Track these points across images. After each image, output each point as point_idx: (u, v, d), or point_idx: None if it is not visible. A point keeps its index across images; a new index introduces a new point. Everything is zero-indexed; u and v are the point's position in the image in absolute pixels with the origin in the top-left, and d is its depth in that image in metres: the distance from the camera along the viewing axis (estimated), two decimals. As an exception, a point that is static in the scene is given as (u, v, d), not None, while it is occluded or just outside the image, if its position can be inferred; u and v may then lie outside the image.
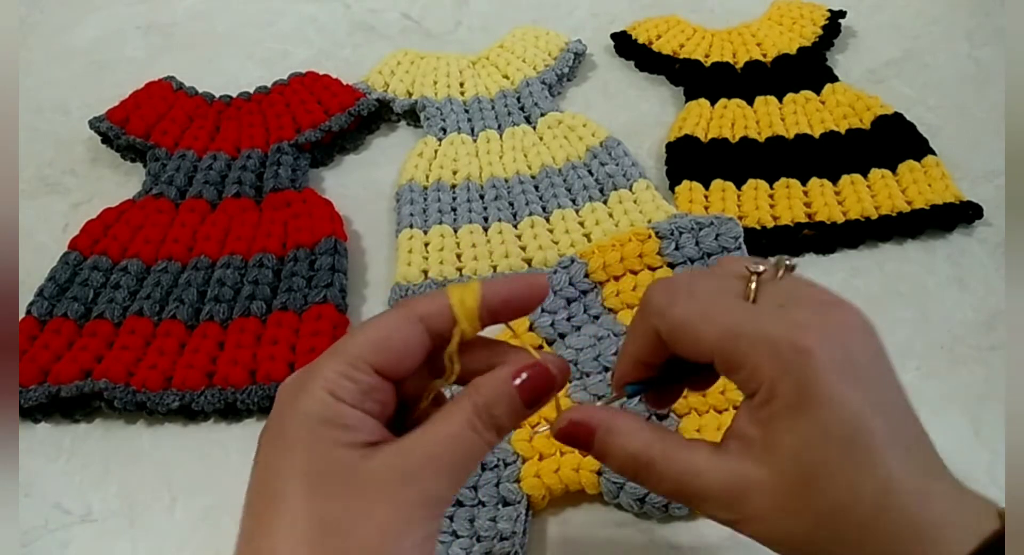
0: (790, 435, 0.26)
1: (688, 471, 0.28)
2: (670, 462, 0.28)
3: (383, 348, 0.27)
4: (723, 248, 0.51)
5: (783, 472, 0.26)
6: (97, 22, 0.81)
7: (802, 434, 0.26)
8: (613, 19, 0.77)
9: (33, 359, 0.50)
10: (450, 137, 0.65)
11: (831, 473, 0.26)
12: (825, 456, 0.26)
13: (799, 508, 0.26)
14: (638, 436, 0.29)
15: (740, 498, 0.27)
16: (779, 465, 0.26)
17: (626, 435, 0.29)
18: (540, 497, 0.43)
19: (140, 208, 0.60)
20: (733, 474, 0.27)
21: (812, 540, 0.26)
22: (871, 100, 0.64)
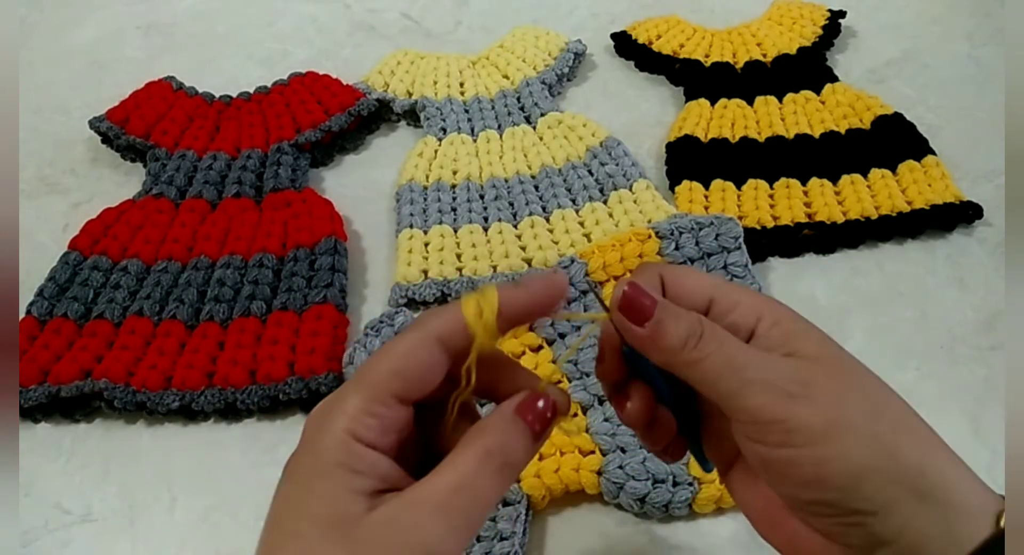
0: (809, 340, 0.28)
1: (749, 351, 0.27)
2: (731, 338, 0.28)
3: (404, 376, 0.27)
4: (723, 248, 0.51)
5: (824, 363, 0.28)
6: (97, 22, 0.81)
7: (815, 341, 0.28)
8: (613, 19, 0.77)
9: (33, 359, 0.50)
10: (450, 137, 0.65)
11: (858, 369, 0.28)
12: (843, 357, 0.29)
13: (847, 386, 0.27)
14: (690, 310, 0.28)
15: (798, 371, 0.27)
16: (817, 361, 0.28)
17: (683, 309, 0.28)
18: (540, 497, 0.43)
19: (140, 208, 0.60)
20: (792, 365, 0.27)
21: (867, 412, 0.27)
22: (871, 100, 0.64)
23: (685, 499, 0.42)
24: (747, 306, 0.29)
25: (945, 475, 0.26)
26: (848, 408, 0.26)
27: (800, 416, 0.26)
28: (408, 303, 0.54)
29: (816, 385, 0.27)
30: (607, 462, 0.43)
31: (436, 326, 0.28)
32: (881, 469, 0.26)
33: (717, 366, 0.27)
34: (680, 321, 0.28)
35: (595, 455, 0.44)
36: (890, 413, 0.27)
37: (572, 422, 0.30)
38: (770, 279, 0.55)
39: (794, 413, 0.26)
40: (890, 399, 0.28)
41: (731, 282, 0.31)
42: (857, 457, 0.26)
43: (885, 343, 0.51)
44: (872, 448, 0.26)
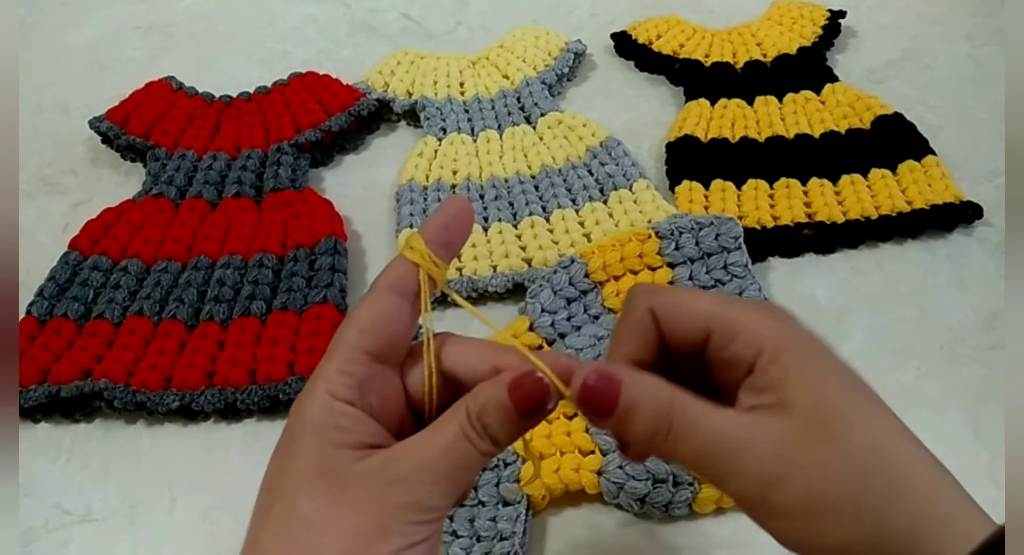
0: (805, 384, 0.26)
1: (723, 426, 0.26)
2: (706, 415, 0.26)
3: (368, 329, 0.28)
4: (723, 248, 0.51)
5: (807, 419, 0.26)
6: (97, 22, 0.81)
7: (815, 380, 0.26)
8: (613, 19, 0.77)
9: (33, 359, 0.50)
10: (450, 137, 0.65)
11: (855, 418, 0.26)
12: (843, 400, 0.26)
13: (833, 455, 0.25)
14: (666, 387, 0.27)
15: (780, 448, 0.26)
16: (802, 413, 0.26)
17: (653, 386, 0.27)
18: (540, 497, 0.43)
19: (140, 208, 0.60)
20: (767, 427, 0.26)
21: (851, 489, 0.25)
22: (871, 100, 0.64)
23: (685, 499, 0.42)
24: (746, 337, 0.27)
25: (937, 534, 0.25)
26: (832, 483, 0.25)
27: (779, 500, 0.25)
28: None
29: (798, 462, 0.25)
30: (607, 462, 0.43)
31: (383, 279, 0.29)
32: (866, 540, 0.25)
33: (691, 457, 0.26)
34: (645, 416, 0.26)
35: (595, 455, 0.44)
36: (883, 477, 0.25)
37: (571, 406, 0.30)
38: (770, 279, 0.55)
39: (773, 498, 0.25)
40: (887, 454, 0.26)
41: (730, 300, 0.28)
42: (840, 533, 0.25)
43: (885, 343, 0.51)
44: (856, 522, 0.25)
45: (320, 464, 0.26)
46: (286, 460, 0.27)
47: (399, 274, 0.29)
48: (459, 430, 0.27)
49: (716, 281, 0.51)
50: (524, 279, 0.54)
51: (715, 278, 0.51)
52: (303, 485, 0.26)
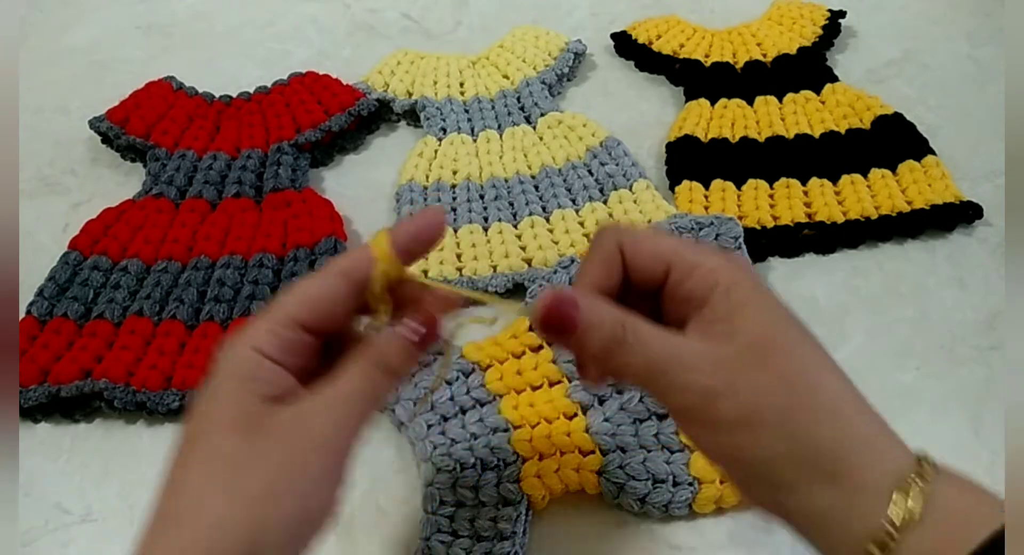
0: (752, 316, 0.29)
1: (670, 342, 0.29)
2: (654, 332, 0.29)
3: (305, 304, 0.31)
4: (722, 248, 0.51)
5: (750, 345, 0.29)
6: (97, 22, 0.81)
7: (760, 314, 0.29)
8: (613, 19, 0.77)
9: (33, 359, 0.50)
10: (450, 137, 0.65)
11: (792, 349, 0.29)
12: (782, 332, 0.29)
13: (769, 377, 0.28)
14: (617, 309, 0.30)
15: (721, 365, 0.28)
16: (746, 340, 0.29)
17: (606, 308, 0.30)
18: (540, 497, 0.43)
19: (140, 208, 0.60)
20: (711, 348, 0.29)
21: (781, 406, 0.28)
22: (871, 100, 0.64)
23: (685, 499, 0.42)
24: (703, 272, 0.30)
25: (860, 455, 0.28)
26: (768, 399, 0.28)
27: (717, 411, 0.28)
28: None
29: (737, 379, 0.28)
30: (607, 462, 0.43)
31: (339, 262, 0.31)
32: (791, 455, 0.28)
33: (641, 371, 0.29)
34: (602, 331, 0.29)
35: (595, 455, 0.44)
36: (812, 400, 0.28)
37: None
38: (770, 279, 0.55)
39: (713, 410, 0.28)
40: (818, 383, 0.29)
41: (691, 243, 0.31)
42: (768, 446, 0.28)
43: (885, 343, 0.51)
44: (785, 438, 0.28)
45: (238, 411, 0.29)
46: (206, 407, 0.29)
47: (355, 263, 0.31)
48: (363, 373, 0.30)
49: None
50: (524, 279, 0.54)
51: None
52: (223, 430, 0.28)
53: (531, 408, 0.45)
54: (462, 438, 0.45)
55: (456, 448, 0.44)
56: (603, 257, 0.31)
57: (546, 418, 0.45)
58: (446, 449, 0.44)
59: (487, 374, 0.47)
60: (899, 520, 0.26)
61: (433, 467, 0.44)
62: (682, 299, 0.30)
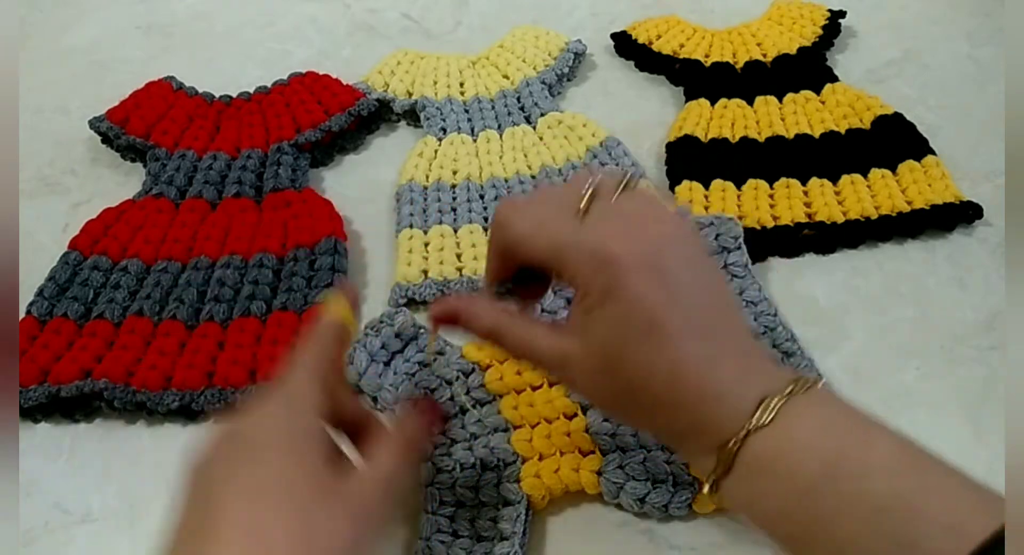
0: (599, 322, 0.32)
1: (529, 339, 0.35)
2: (517, 331, 0.35)
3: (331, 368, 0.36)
4: (723, 248, 0.51)
5: (594, 351, 0.33)
6: (97, 22, 0.81)
7: (608, 322, 0.32)
8: (613, 19, 0.77)
9: (33, 359, 0.50)
10: (450, 137, 0.65)
11: (630, 353, 0.32)
12: (625, 339, 0.32)
13: (607, 379, 0.33)
14: (491, 313, 0.36)
15: (564, 364, 0.34)
16: (591, 345, 0.33)
17: (483, 313, 0.36)
18: (540, 497, 0.43)
19: (140, 208, 0.60)
20: (560, 346, 0.34)
21: (619, 404, 0.34)
22: (871, 100, 0.64)
23: (685, 499, 0.42)
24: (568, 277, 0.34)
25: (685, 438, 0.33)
26: (601, 397, 0.35)
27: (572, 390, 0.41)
28: (408, 303, 0.54)
29: (577, 377, 0.34)
30: (607, 462, 0.43)
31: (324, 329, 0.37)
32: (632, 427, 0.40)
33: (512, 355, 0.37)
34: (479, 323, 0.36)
35: (595, 455, 0.44)
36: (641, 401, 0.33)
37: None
38: (770, 279, 0.55)
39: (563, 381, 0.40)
40: (646, 388, 0.32)
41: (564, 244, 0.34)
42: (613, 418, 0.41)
43: (885, 343, 0.51)
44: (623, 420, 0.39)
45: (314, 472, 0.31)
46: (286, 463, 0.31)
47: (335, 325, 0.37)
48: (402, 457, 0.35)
49: None
50: (524, 279, 0.54)
51: None
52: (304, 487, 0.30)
53: (531, 408, 0.45)
54: (462, 438, 0.45)
55: (456, 448, 0.44)
56: (495, 252, 0.37)
57: (546, 418, 0.45)
58: (446, 449, 0.44)
59: (487, 374, 0.47)
60: (715, 475, 0.32)
61: (433, 467, 0.44)
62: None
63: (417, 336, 0.50)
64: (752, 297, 0.50)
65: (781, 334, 0.49)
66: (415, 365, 0.48)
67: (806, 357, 0.48)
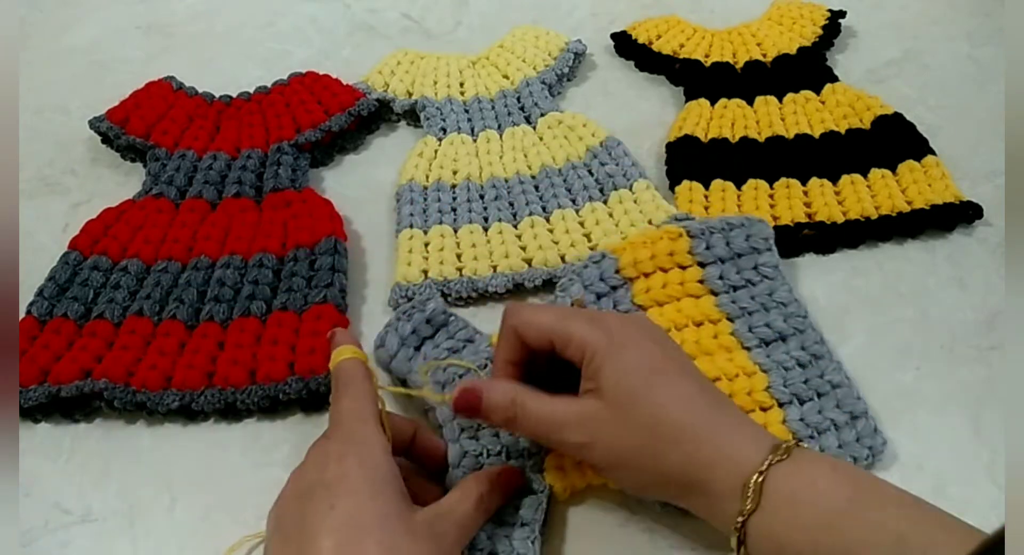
0: (610, 375, 0.37)
1: (550, 411, 0.39)
2: (538, 405, 0.39)
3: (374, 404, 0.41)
4: (753, 249, 0.51)
5: (611, 398, 0.37)
6: (97, 22, 0.81)
7: (618, 372, 0.37)
8: (613, 19, 0.77)
9: (33, 359, 0.50)
10: (450, 137, 0.65)
11: (645, 390, 0.37)
12: (638, 380, 0.37)
13: (628, 420, 0.37)
14: (511, 390, 0.40)
15: (586, 423, 0.38)
16: (607, 396, 0.37)
17: (501, 391, 0.40)
18: (562, 489, 0.43)
19: (140, 208, 0.60)
20: (581, 408, 0.38)
21: (641, 448, 0.37)
22: (871, 100, 0.64)
23: None
24: (576, 344, 0.39)
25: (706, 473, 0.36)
26: (623, 446, 0.37)
27: (592, 459, 0.39)
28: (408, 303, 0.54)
29: (599, 432, 0.37)
30: None
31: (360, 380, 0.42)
32: (654, 482, 0.38)
33: (532, 433, 0.40)
34: (496, 411, 0.39)
35: None
36: (660, 437, 0.36)
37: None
38: (770, 279, 0.55)
39: (588, 457, 0.39)
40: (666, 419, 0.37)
41: (567, 316, 0.40)
42: (635, 480, 0.39)
43: (885, 343, 0.51)
44: (644, 472, 0.37)
45: (400, 510, 0.36)
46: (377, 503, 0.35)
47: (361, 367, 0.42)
48: (475, 505, 0.39)
49: (747, 281, 0.51)
50: (524, 279, 0.54)
51: (745, 278, 0.51)
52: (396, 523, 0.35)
53: None
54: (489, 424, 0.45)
55: (483, 433, 0.45)
56: (506, 337, 0.42)
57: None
58: (473, 432, 0.45)
59: None
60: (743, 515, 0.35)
61: (461, 449, 0.44)
62: (572, 362, 0.39)
63: (447, 323, 0.50)
64: (783, 298, 0.50)
65: (810, 336, 0.49)
66: (444, 351, 0.48)
67: (834, 360, 0.48)
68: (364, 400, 0.40)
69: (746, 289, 0.51)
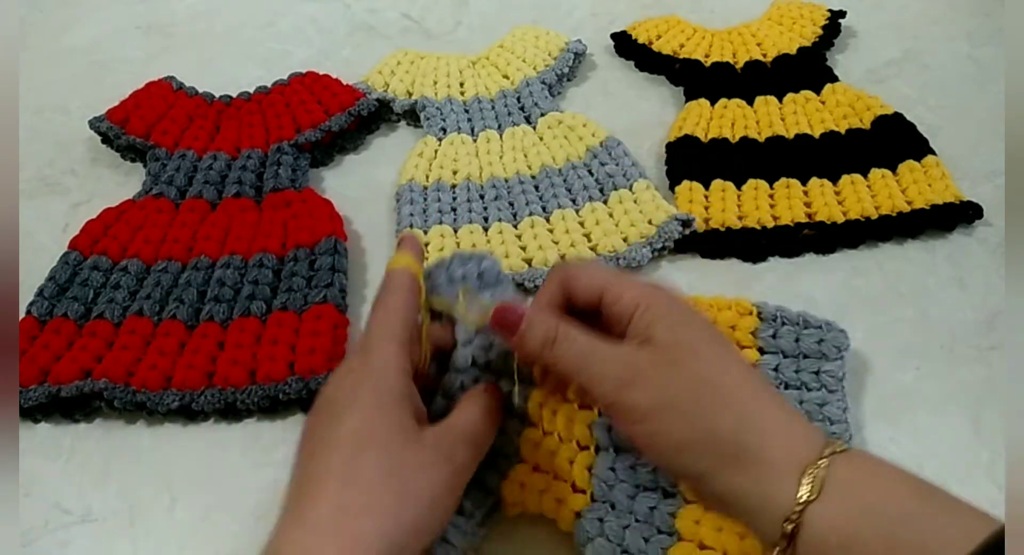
0: (664, 327, 0.35)
1: (593, 343, 0.36)
2: (580, 334, 0.36)
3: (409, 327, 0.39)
4: (822, 354, 0.47)
5: (662, 350, 0.34)
6: (97, 22, 0.81)
7: (672, 325, 0.35)
8: (613, 19, 0.77)
9: (33, 359, 0.50)
10: (450, 137, 0.65)
11: (705, 349, 0.35)
12: (691, 340, 0.35)
13: (678, 374, 0.34)
14: (553, 318, 0.37)
15: (632, 363, 0.34)
16: (659, 346, 0.34)
17: (543, 315, 0.37)
18: (511, 504, 0.42)
19: (140, 208, 0.60)
20: (628, 350, 0.35)
21: (689, 398, 0.33)
22: (871, 100, 0.64)
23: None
24: (627, 300, 0.36)
25: (760, 441, 0.32)
26: (672, 392, 0.33)
27: (629, 400, 0.34)
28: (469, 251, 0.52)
29: (647, 372, 0.34)
30: (591, 509, 0.41)
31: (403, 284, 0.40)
32: (698, 443, 0.33)
33: (569, 365, 0.36)
34: (537, 330, 0.36)
35: (584, 496, 0.42)
36: (715, 394, 0.33)
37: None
38: (770, 279, 0.55)
39: (625, 397, 0.34)
40: (721, 380, 0.34)
41: (619, 274, 0.38)
42: (677, 434, 0.33)
43: (885, 343, 0.51)
44: (691, 426, 0.33)
45: (404, 425, 0.35)
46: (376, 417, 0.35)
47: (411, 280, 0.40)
48: (483, 416, 0.38)
49: (801, 383, 0.46)
50: (524, 279, 0.54)
51: (801, 380, 0.46)
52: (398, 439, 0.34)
53: (553, 415, 0.43)
54: None
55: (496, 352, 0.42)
56: (550, 289, 0.39)
57: (561, 434, 0.43)
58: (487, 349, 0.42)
59: None
60: (802, 500, 0.30)
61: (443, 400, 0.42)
62: (614, 318, 0.37)
63: (497, 283, 0.45)
64: (832, 414, 0.45)
65: None
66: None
67: None
68: (397, 314, 0.38)
69: (798, 391, 0.46)
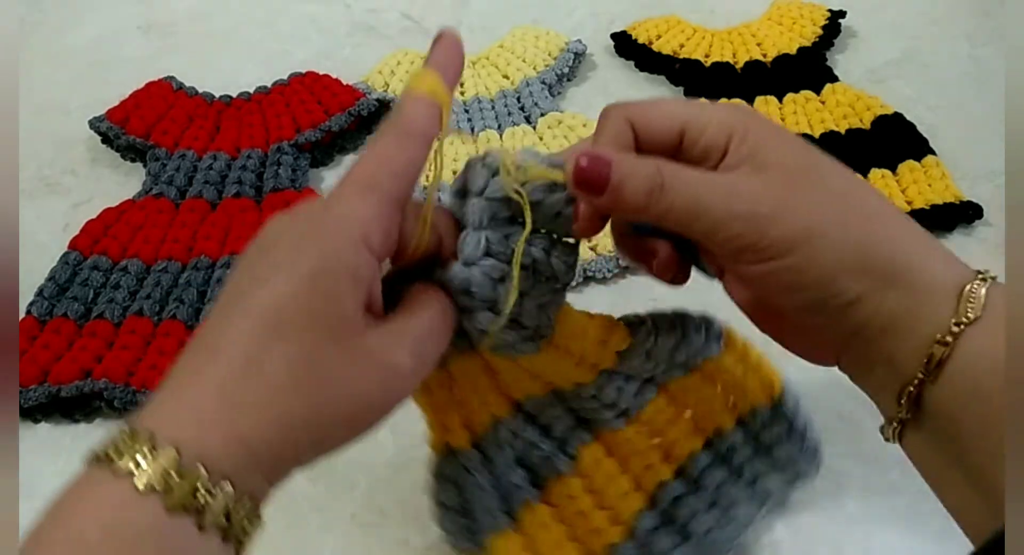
0: (776, 148, 0.29)
1: (710, 178, 0.29)
2: (692, 171, 0.29)
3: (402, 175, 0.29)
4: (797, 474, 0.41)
5: (782, 172, 0.29)
6: (97, 22, 0.81)
7: (783, 145, 0.29)
8: (613, 19, 0.77)
9: (33, 359, 0.50)
10: (450, 137, 0.65)
11: (828, 167, 0.30)
12: (812, 159, 0.30)
13: (813, 193, 0.29)
14: (650, 158, 0.29)
15: (761, 191, 0.28)
16: (777, 169, 0.29)
17: (638, 158, 0.29)
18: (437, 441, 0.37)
19: (140, 208, 0.60)
20: (758, 187, 0.29)
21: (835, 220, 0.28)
22: (871, 100, 0.64)
23: None
24: (716, 126, 0.30)
25: (913, 260, 0.28)
26: (817, 215, 0.28)
27: (773, 234, 0.28)
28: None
29: (785, 199, 0.28)
30: None
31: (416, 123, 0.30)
32: (852, 266, 0.28)
33: (686, 212, 0.28)
34: (637, 177, 0.28)
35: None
36: (861, 211, 0.29)
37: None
38: (770, 279, 0.55)
39: (767, 233, 0.28)
40: (863, 196, 0.30)
41: (697, 102, 0.33)
42: (830, 260, 0.28)
43: (885, 343, 0.51)
44: (843, 249, 0.28)
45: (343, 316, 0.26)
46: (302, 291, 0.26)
47: (430, 118, 0.30)
48: (439, 316, 0.29)
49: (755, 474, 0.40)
50: (524, 279, 0.54)
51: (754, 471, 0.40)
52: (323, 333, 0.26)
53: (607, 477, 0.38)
54: None
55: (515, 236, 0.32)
56: (614, 131, 0.31)
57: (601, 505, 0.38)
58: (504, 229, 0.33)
59: None
60: (962, 320, 0.27)
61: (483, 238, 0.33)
62: (700, 155, 0.30)
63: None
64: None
65: None
66: None
67: None
68: (393, 162, 0.29)
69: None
